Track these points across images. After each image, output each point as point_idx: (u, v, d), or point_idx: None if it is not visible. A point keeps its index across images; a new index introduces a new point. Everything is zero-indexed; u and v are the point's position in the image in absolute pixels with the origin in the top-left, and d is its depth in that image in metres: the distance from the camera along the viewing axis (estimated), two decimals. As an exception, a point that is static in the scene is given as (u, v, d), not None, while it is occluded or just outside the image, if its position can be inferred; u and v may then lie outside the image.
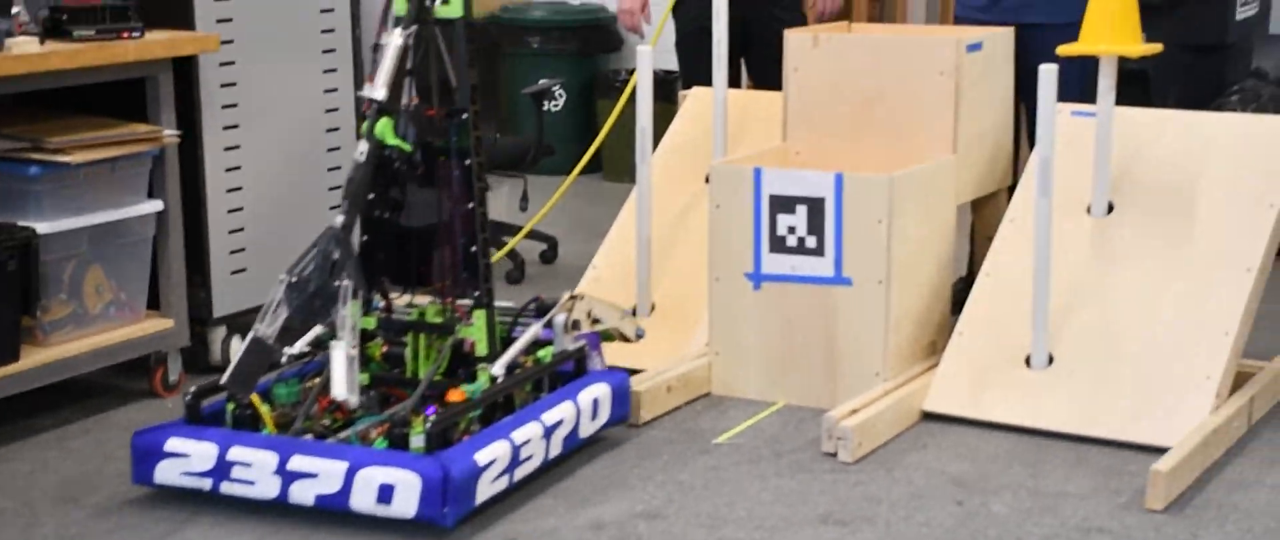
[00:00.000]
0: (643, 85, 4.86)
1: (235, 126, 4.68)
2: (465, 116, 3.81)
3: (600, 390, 4.00)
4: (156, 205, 4.45)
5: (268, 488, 3.49)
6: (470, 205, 3.82)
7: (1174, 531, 3.57)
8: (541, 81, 6.19)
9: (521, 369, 3.90)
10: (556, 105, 7.57)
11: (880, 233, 4.31)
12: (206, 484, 3.56)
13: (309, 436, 3.62)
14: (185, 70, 4.51)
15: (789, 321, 4.47)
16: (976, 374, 4.34)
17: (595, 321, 4.20)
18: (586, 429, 3.95)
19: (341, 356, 3.53)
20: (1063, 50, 4.40)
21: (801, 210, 4.41)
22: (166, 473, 3.61)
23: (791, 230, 4.43)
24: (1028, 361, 4.30)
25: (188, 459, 3.57)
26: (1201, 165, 4.49)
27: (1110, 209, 4.51)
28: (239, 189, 4.72)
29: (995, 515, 3.69)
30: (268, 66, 4.76)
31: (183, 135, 4.49)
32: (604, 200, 6.45)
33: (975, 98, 4.67)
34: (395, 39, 3.70)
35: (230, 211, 4.70)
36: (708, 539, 3.56)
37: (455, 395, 3.67)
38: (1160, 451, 3.86)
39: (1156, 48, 4.38)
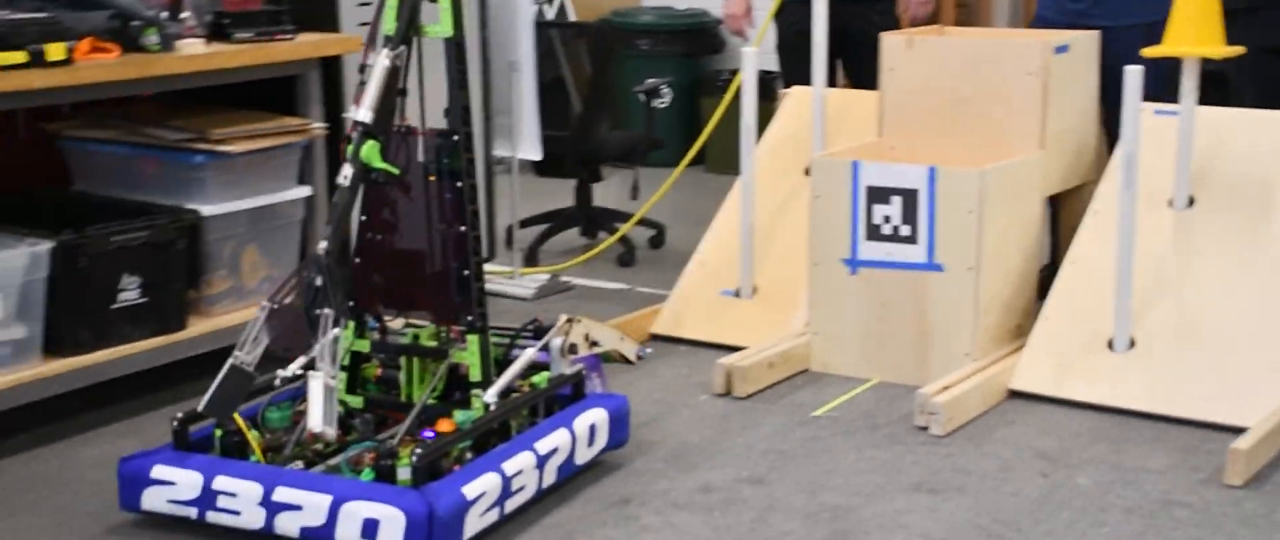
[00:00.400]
0: (747, 84, 4.84)
1: (376, 120, 4.71)
2: (457, 138, 3.48)
3: (598, 416, 3.65)
4: (305, 191, 4.50)
5: (253, 518, 3.20)
6: (463, 228, 3.49)
7: (1254, 507, 3.51)
8: (650, 81, 6.17)
9: (517, 394, 3.58)
10: (664, 103, 7.55)
11: (971, 223, 4.28)
12: (192, 513, 3.27)
13: (299, 463, 3.34)
14: (331, 68, 4.56)
15: (883, 304, 4.44)
16: (1060, 356, 4.29)
17: (593, 344, 3.89)
18: (582, 456, 3.60)
19: (319, 387, 3.19)
20: (1148, 52, 4.33)
21: (896, 201, 4.38)
22: (153, 500, 3.31)
23: (887, 219, 4.40)
24: (1110, 345, 4.25)
25: (174, 487, 3.28)
26: (1279, 163, 4.40)
27: (1191, 203, 4.43)
28: (378, 177, 4.75)
29: (1079, 487, 3.65)
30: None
31: (330, 128, 4.53)
32: (707, 191, 6.42)
33: (1061, 97, 4.61)
34: (382, 60, 3.38)
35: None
36: (808, 504, 3.55)
37: (445, 424, 3.41)
38: (1236, 431, 3.80)
39: (1238, 50, 4.29)
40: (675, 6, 8.01)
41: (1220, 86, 5.04)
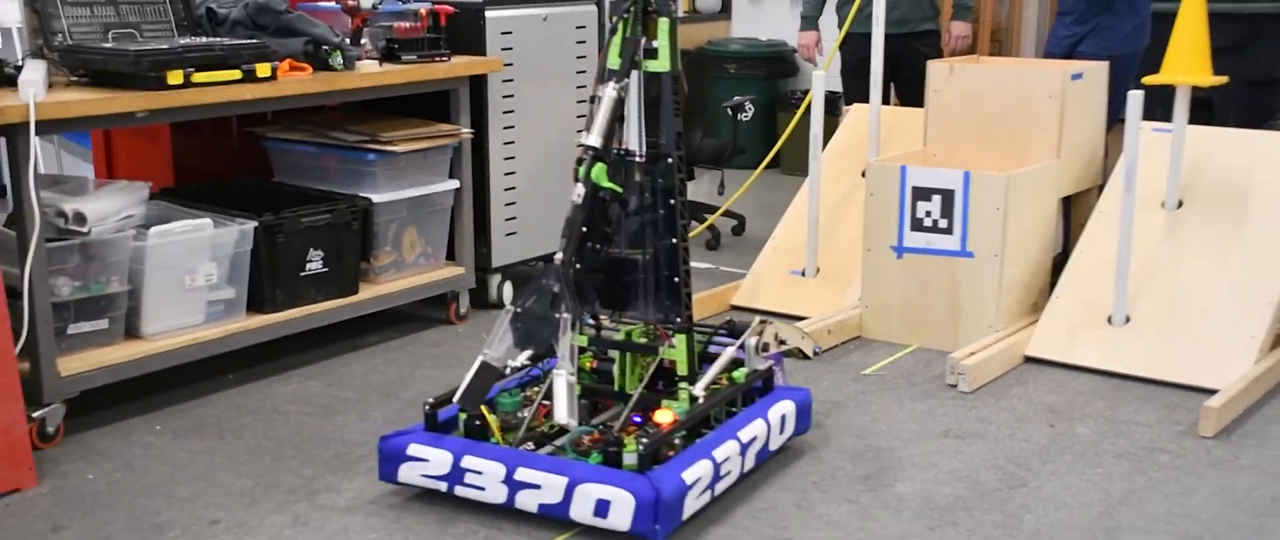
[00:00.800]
0: (816, 101, 4.89)
1: (512, 127, 4.80)
2: (670, 160, 3.27)
3: (787, 407, 3.45)
4: (454, 184, 4.57)
5: (496, 494, 3.06)
6: (674, 241, 3.29)
7: (1221, 453, 3.55)
8: (736, 98, 6.27)
9: (719, 388, 3.39)
10: (747, 116, 7.64)
11: (998, 218, 4.30)
12: (443, 486, 3.13)
13: (530, 444, 3.17)
14: (478, 84, 4.64)
15: (923, 284, 4.47)
16: (1069, 328, 4.31)
17: (781, 343, 3.62)
18: (775, 442, 3.40)
19: (563, 384, 3.07)
20: (1148, 80, 4.35)
21: (936, 199, 4.40)
22: (408, 473, 3.17)
23: (928, 214, 4.42)
24: (1110, 320, 4.27)
25: (427, 463, 3.14)
26: (1254, 172, 4.40)
27: (1180, 205, 4.44)
28: (513, 173, 4.84)
29: (1079, 436, 3.69)
30: (537, 84, 4.87)
31: (475, 132, 4.63)
32: (782, 189, 6.48)
33: (1075, 116, 4.62)
34: (609, 91, 3.17)
35: (506, 190, 4.83)
36: (857, 445, 3.61)
37: (664, 414, 3.20)
38: (1212, 392, 3.83)
39: (1223, 80, 4.29)
40: (758, 37, 8.09)
41: (1207, 109, 5.07)
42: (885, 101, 5.30)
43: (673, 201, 3.26)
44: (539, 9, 4.86)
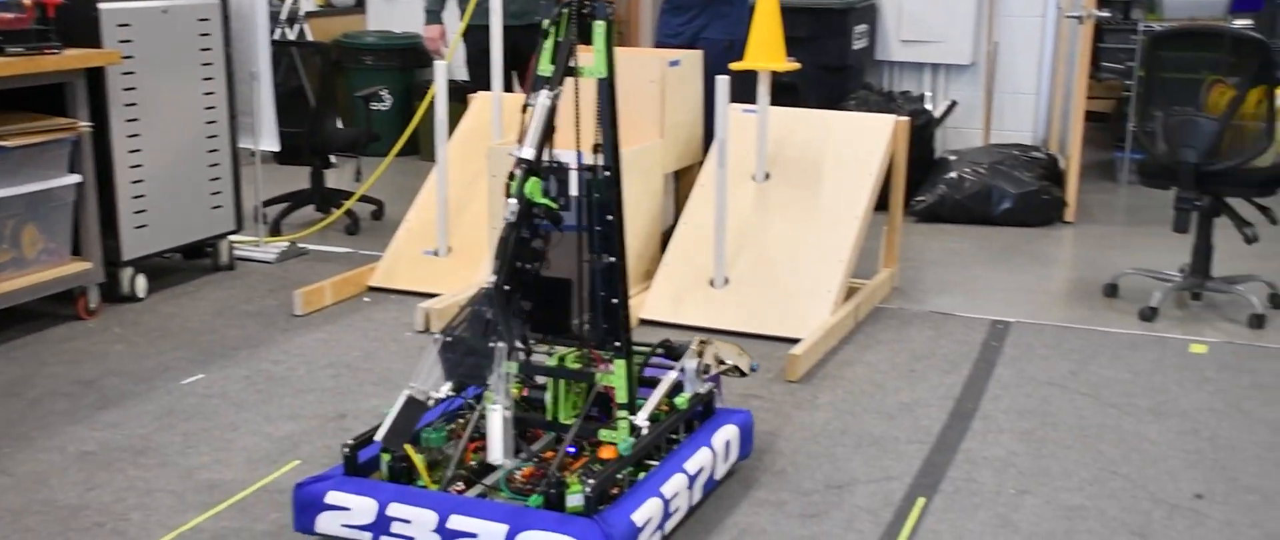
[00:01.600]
0: (439, 90, 4.84)
1: (136, 120, 4.55)
2: (609, 173, 2.91)
3: (731, 432, 3.10)
4: (76, 178, 4.30)
5: None
6: (612, 259, 2.92)
7: (804, 395, 3.76)
8: (370, 88, 6.15)
9: (659, 416, 2.99)
10: (383, 106, 7.51)
11: (608, 194, 4.41)
12: (366, 537, 2.68)
13: (459, 484, 2.77)
14: (97, 78, 4.37)
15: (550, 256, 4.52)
16: (676, 292, 4.46)
17: (720, 363, 3.22)
18: (720, 471, 3.04)
19: (498, 420, 2.66)
20: (734, 66, 4.55)
21: (553, 178, 4.45)
22: (328, 524, 2.71)
23: (547, 191, 4.47)
24: (712, 282, 4.45)
25: (348, 512, 2.68)
26: (827, 146, 4.68)
27: (768, 177, 4.67)
28: (140, 166, 4.59)
29: (685, 387, 3.83)
30: (161, 77, 4.63)
31: (96, 126, 4.35)
32: (418, 174, 6.36)
33: (675, 99, 4.78)
34: (543, 99, 2.80)
35: (134, 182, 4.58)
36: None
37: (608, 451, 2.81)
38: (797, 342, 4.05)
39: (796, 65, 4.53)
40: (393, 30, 7.96)
41: (793, 92, 5.38)
42: (509, 89, 5.32)
43: (610, 217, 2.90)
44: (157, 2, 4.60)
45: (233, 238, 5.16)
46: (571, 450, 2.85)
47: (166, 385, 3.80)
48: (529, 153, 2.77)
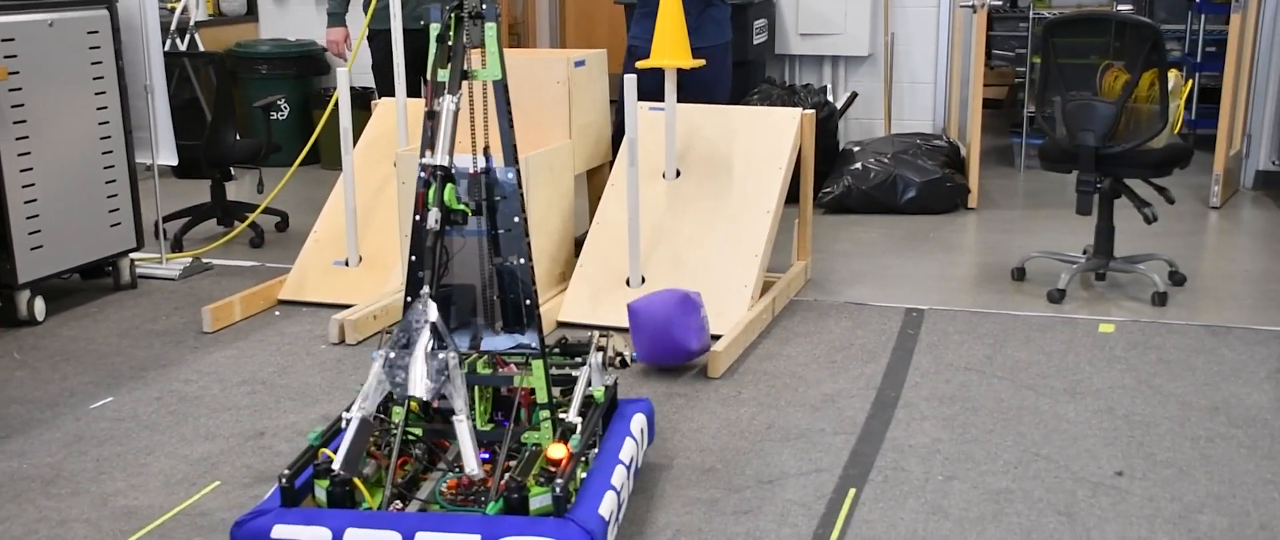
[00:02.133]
0: (342, 97, 4.75)
1: (26, 138, 4.38)
2: (512, 175, 2.89)
3: (641, 420, 3.10)
4: None
5: None
6: (522, 260, 2.90)
7: (727, 391, 3.76)
8: (267, 97, 6.00)
9: (588, 412, 2.97)
10: (281, 115, 7.35)
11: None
12: None
13: (398, 503, 2.69)
14: (-18, 96, 4.21)
15: (459, 261, 4.46)
16: (593, 292, 4.44)
17: (617, 354, 3.20)
18: (640, 459, 3.04)
19: (465, 430, 2.63)
20: (640, 64, 4.55)
21: (464, 182, 4.38)
22: None
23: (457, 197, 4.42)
24: (628, 282, 4.43)
25: None
26: (736, 142, 4.69)
27: (678, 174, 4.68)
28: (33, 185, 4.43)
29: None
30: (49, 91, 4.47)
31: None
32: (321, 184, 6.30)
33: (582, 99, 4.76)
34: (448, 104, 2.76)
35: (26, 202, 4.41)
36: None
37: (556, 449, 2.73)
38: (716, 337, 4.05)
39: (700, 63, 4.54)
40: (288, 38, 7.79)
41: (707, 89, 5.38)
42: (417, 94, 5.23)
43: (517, 218, 2.90)
44: (43, 15, 4.43)
45: (134, 255, 5.00)
46: (485, 456, 2.80)
47: (74, 410, 3.67)
48: (442, 159, 2.75)
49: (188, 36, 7.16)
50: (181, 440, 3.44)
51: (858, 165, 6.07)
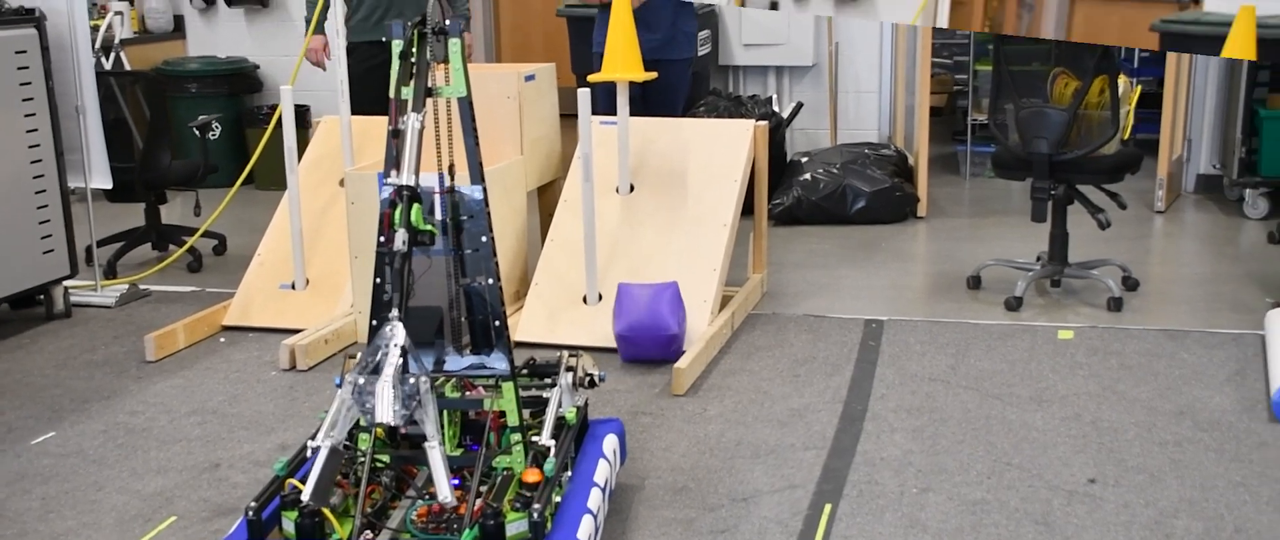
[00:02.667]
0: (287, 115, 4.68)
1: (-45, 163, 4.29)
2: (480, 193, 2.88)
3: (613, 441, 3.09)
4: None
5: None
6: (490, 280, 2.89)
7: (692, 408, 3.75)
8: (201, 117, 5.89)
9: (562, 433, 2.93)
10: (215, 135, 7.22)
11: (474, 215, 4.32)
12: None
13: (368, 533, 2.60)
14: (-92, 120, 4.09)
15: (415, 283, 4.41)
16: (550, 311, 4.41)
17: (588, 373, 3.17)
18: (613, 480, 3.03)
19: (438, 457, 2.60)
20: (591, 78, 4.53)
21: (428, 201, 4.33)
22: None
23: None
24: (585, 299, 4.40)
25: None
26: (688, 155, 4.69)
27: (632, 189, 4.67)
28: (-38, 213, 4.33)
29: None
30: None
31: (-89, 172, 4.07)
32: (258, 204, 6.21)
33: (533, 114, 4.73)
34: (413, 122, 2.69)
35: (-44, 231, 4.31)
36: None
37: (533, 474, 2.70)
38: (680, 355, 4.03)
39: (652, 75, 4.53)
40: (217, 55, 7.67)
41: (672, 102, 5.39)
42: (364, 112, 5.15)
43: (485, 238, 2.87)
44: (-29, 34, 4.31)
45: (67, 283, 4.87)
46: (455, 482, 2.72)
47: (14, 447, 3.56)
48: (408, 179, 2.68)
49: (113, 54, 7.01)
50: (132, 474, 3.35)
51: (807, 176, 6.10)
